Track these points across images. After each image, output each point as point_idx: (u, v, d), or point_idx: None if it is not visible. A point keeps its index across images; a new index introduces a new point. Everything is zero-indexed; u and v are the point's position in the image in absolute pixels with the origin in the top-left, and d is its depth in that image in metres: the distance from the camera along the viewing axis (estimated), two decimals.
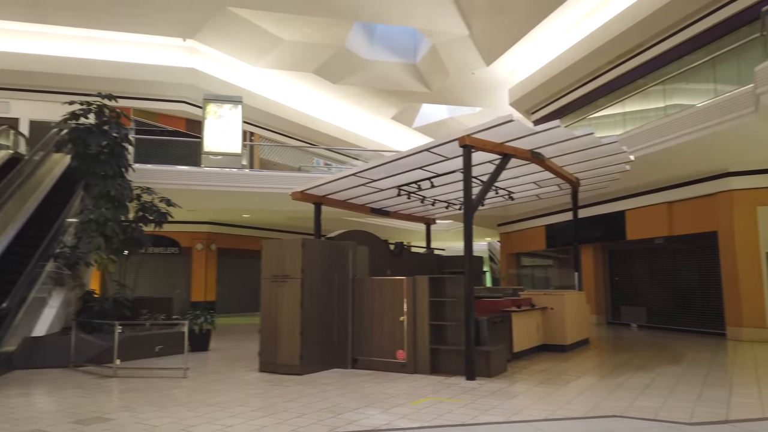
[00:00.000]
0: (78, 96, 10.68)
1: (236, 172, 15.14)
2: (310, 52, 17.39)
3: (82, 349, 8.35)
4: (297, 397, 6.15)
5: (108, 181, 10.27)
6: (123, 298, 10.06)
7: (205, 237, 18.79)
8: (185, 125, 18.64)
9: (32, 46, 15.84)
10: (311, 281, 7.81)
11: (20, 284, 8.54)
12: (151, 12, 14.82)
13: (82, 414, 5.41)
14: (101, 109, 10.63)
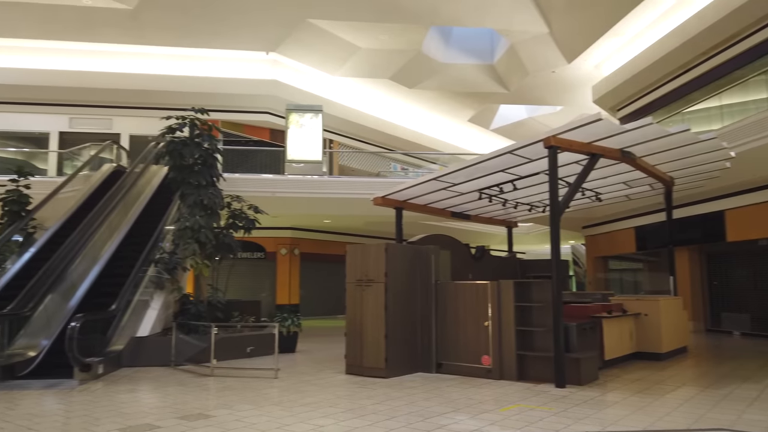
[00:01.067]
0: (172, 111, 11.37)
1: (317, 179, 15.58)
2: (386, 59, 17.60)
3: (181, 348, 8.87)
4: (384, 399, 6.22)
5: (201, 191, 10.85)
6: (216, 301, 10.59)
7: (288, 242, 19.43)
8: (269, 135, 19.40)
9: (131, 66, 17.07)
10: (395, 285, 7.89)
11: (126, 288, 9.18)
12: (238, 29, 15.57)
13: (186, 410, 5.74)
14: (194, 123, 11.28)
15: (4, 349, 7.72)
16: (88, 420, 5.34)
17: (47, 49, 16.63)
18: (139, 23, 15.24)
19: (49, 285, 8.98)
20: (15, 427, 5.07)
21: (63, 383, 7.20)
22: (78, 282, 9.39)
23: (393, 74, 18.37)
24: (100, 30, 15.53)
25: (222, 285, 11.55)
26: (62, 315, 8.55)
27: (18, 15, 14.92)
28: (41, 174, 16.34)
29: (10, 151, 17.74)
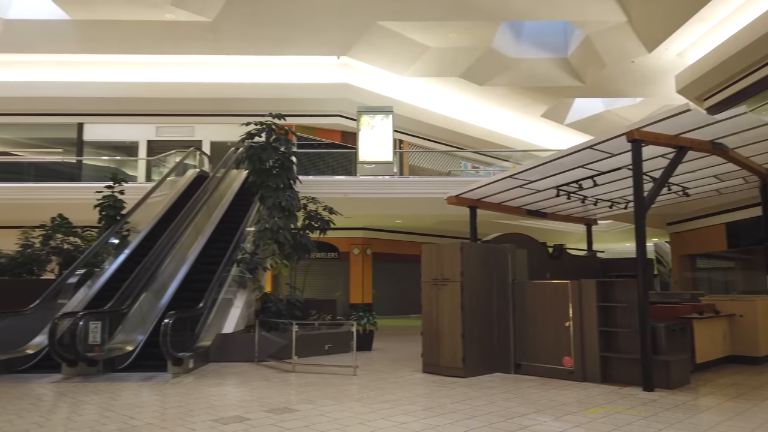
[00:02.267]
0: (250, 117, 11.81)
1: (388, 179, 15.72)
2: (456, 57, 17.48)
3: (264, 345, 9.22)
4: (463, 399, 6.20)
5: (279, 193, 11.22)
6: (295, 299, 10.92)
7: (361, 242, 19.70)
8: (340, 137, 19.76)
9: (211, 76, 17.89)
10: (471, 284, 7.84)
11: (212, 287, 9.65)
12: (310, 35, 15.98)
13: (272, 404, 5.97)
14: (271, 128, 11.67)
15: (105, 344, 8.30)
16: (183, 411, 5.66)
17: (135, 63, 17.73)
18: (218, 35, 15.96)
19: (142, 284, 9.58)
20: (118, 416, 5.46)
21: (158, 376, 7.67)
22: (168, 281, 9.97)
23: (463, 72, 18.22)
24: (183, 42, 16.39)
25: (299, 284, 11.89)
26: (155, 312, 9.12)
27: (109, 32, 16.02)
28: (132, 180, 17.44)
29: (105, 160, 19.04)
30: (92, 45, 16.69)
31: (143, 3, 14.80)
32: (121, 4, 14.88)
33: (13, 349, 8.46)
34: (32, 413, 5.60)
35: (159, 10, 15.08)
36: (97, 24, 15.75)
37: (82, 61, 17.55)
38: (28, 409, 5.81)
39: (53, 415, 5.60)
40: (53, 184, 16.28)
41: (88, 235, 12.61)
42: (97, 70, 17.77)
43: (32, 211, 14.03)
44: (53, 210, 12.82)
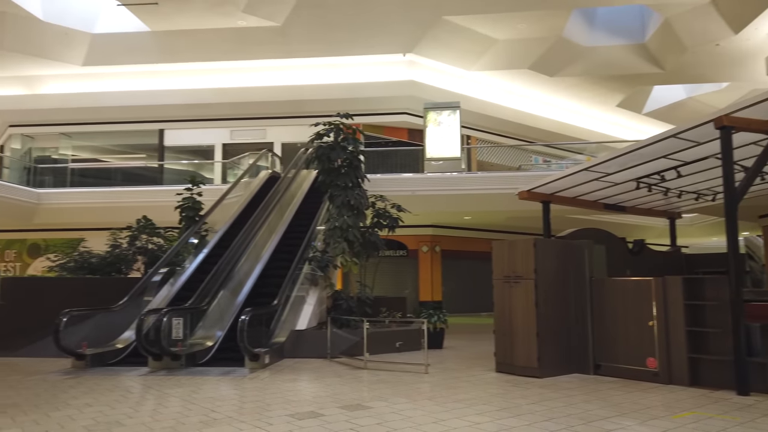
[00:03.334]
0: (319, 117, 12.02)
1: (456, 176, 15.55)
2: (525, 48, 17.03)
3: (336, 342, 9.34)
4: (540, 400, 6.01)
5: (348, 192, 11.34)
6: (365, 297, 11.00)
7: (429, 240, 19.61)
8: (407, 135, 19.74)
9: (281, 79, 18.35)
10: (545, 282, 7.59)
11: (285, 285, 9.89)
12: (376, 34, 16.06)
13: (345, 400, 6.02)
14: (339, 127, 11.81)
15: (187, 339, 8.68)
16: (260, 405, 5.81)
17: (210, 70, 18.46)
18: (287, 38, 16.34)
19: (220, 282, 9.96)
20: (200, 409, 5.68)
21: (236, 371, 7.93)
22: (244, 279, 10.31)
23: (532, 63, 17.73)
24: (254, 47, 16.91)
25: (369, 282, 11.97)
26: (232, 309, 9.45)
27: (185, 42, 16.77)
28: (209, 183, 18.19)
29: (184, 164, 19.98)
30: (171, 54, 17.54)
31: (216, 12, 15.38)
32: (196, 14, 15.53)
33: (104, 343, 9.02)
34: (122, 404, 5.93)
35: (231, 17, 15.62)
36: (174, 34, 16.53)
37: (162, 70, 18.49)
38: (119, 400, 6.15)
39: (141, 406, 5.90)
40: (138, 187, 17.29)
41: (170, 236, 13.26)
42: (176, 78, 18.66)
43: (120, 214, 14.95)
44: (138, 212, 13.59)
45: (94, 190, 17.57)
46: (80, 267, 12.14)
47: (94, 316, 9.44)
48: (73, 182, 19.10)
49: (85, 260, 12.26)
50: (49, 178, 19.51)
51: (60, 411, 5.60)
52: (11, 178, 18.95)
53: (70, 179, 19.31)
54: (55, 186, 18.60)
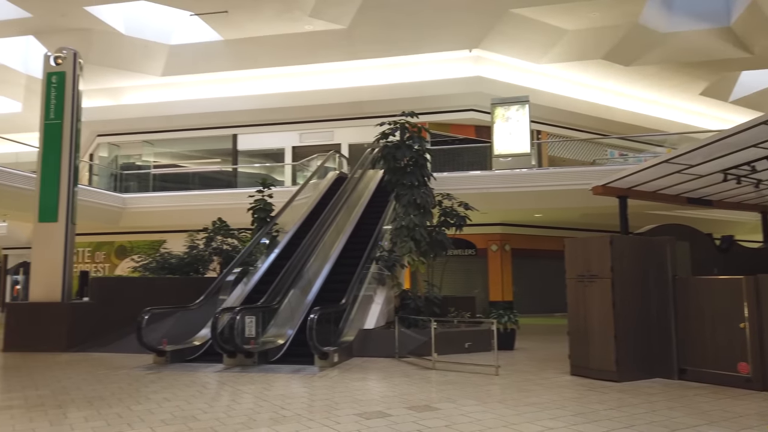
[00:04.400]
0: (384, 117, 12.03)
1: (526, 172, 15.13)
2: (598, 38, 16.34)
3: (404, 341, 9.28)
4: (619, 405, 5.68)
5: (414, 190, 11.27)
6: (433, 296, 10.89)
7: (498, 238, 19.21)
8: (474, 132, 19.44)
9: (347, 81, 18.57)
10: (623, 281, 7.19)
11: (353, 284, 9.95)
12: (441, 31, 15.91)
13: (413, 401, 5.95)
14: (405, 126, 11.77)
15: (260, 337, 8.90)
16: (329, 404, 5.85)
17: (280, 75, 18.97)
18: (352, 40, 16.51)
19: (290, 281, 10.15)
20: (271, 406, 5.78)
21: (306, 369, 8.04)
22: (313, 279, 10.47)
23: (606, 53, 16.99)
24: (321, 51, 17.20)
25: (437, 281, 11.85)
26: (302, 308, 9.61)
27: (255, 48, 17.31)
28: (279, 185, 18.67)
29: (256, 167, 20.62)
30: (242, 61, 18.17)
31: (284, 18, 15.77)
32: (265, 21, 15.98)
33: (183, 340, 9.41)
34: (198, 400, 6.14)
35: (298, 22, 15.97)
36: (245, 42, 17.10)
37: (234, 77, 19.19)
38: (195, 395, 6.38)
39: (215, 402, 6.09)
40: (213, 191, 18.03)
41: (243, 237, 13.71)
42: (248, 84, 19.31)
43: (197, 216, 15.61)
44: (214, 214, 14.15)
45: (173, 194, 18.48)
46: (161, 267, 12.76)
47: (173, 314, 9.88)
48: (155, 187, 20.19)
49: (166, 261, 12.88)
50: (134, 183, 20.72)
51: (141, 405, 5.87)
52: (100, 185, 20.27)
53: (152, 184, 20.42)
54: (138, 191, 19.72)
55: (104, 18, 16.17)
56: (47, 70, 11.76)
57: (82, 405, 5.86)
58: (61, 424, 5.09)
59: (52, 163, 11.48)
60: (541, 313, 18.78)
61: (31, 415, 5.43)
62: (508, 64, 18.15)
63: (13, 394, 6.51)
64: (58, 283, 11.11)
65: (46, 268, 11.20)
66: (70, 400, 6.09)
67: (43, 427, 4.99)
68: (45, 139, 11.57)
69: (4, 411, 5.63)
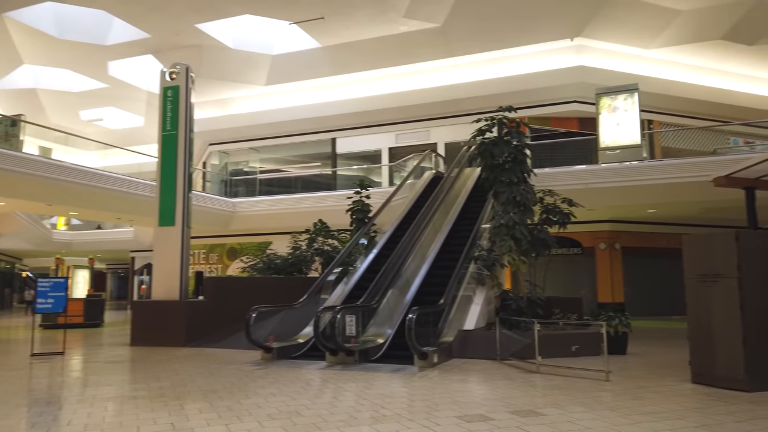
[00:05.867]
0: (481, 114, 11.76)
1: (636, 165, 14.17)
2: (716, 16, 14.97)
3: (505, 343, 9.00)
4: (750, 417, 5.11)
5: (513, 188, 10.91)
6: (536, 297, 10.47)
7: (607, 236, 18.16)
8: (577, 125, 18.52)
9: (442, 79, 18.43)
10: (752, 281, 6.47)
11: (451, 284, 9.80)
12: (540, 21, 15.35)
13: (515, 405, 5.72)
14: (502, 122, 11.43)
15: (360, 336, 9.02)
16: (429, 405, 5.77)
17: (375, 78, 19.22)
18: (447, 38, 16.36)
19: (389, 281, 10.20)
20: (371, 405, 5.81)
21: (405, 369, 8.03)
22: (411, 278, 10.45)
23: (726, 33, 15.53)
24: (416, 51, 17.22)
25: (539, 281, 11.39)
26: (401, 308, 9.61)
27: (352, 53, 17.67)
28: (376, 186, 18.92)
29: (353, 169, 21.06)
30: (339, 67, 18.63)
31: (378, 21, 15.95)
32: (360, 25, 16.26)
33: (288, 338, 9.76)
34: (302, 396, 6.31)
35: (393, 24, 16.08)
36: (342, 47, 17.51)
37: (331, 82, 19.72)
38: (299, 391, 6.56)
39: (318, 399, 6.22)
40: (314, 193, 18.61)
41: (343, 237, 14.01)
42: (345, 88, 19.77)
43: (299, 219, 16.21)
44: (315, 216, 14.60)
45: (277, 198, 19.34)
46: (267, 267, 13.36)
47: (278, 313, 10.29)
48: (261, 191, 21.23)
49: (271, 261, 13.47)
50: (242, 188, 21.92)
51: (249, 399, 6.13)
52: (212, 190, 21.64)
53: (258, 189, 21.49)
54: (246, 195, 20.83)
55: (213, 34, 17.24)
56: (163, 85, 12.72)
57: (197, 397, 6.23)
58: (178, 414, 5.43)
59: (169, 172, 12.39)
60: (656, 316, 17.50)
61: (153, 405, 5.84)
62: (614, 52, 17.11)
63: (138, 385, 7.07)
64: (176, 283, 11.96)
65: (166, 268, 12.10)
66: (186, 393, 6.50)
67: (162, 416, 5.34)
68: (162, 149, 12.51)
69: (130, 400, 6.11)
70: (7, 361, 9.41)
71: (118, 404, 5.93)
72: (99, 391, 6.66)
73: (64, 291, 10.43)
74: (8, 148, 13.90)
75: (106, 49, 17.93)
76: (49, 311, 10.56)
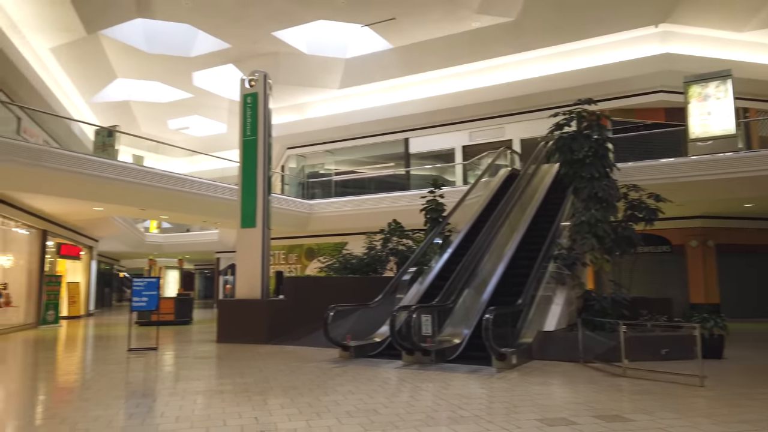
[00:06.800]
0: (558, 108, 11.38)
1: (731, 156, 13.22)
2: None
3: (588, 345, 8.65)
4: None
5: (594, 183, 10.49)
6: (620, 297, 10.00)
7: (699, 232, 17.06)
8: (663, 116, 17.52)
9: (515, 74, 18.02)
10: None
11: (529, 284, 9.55)
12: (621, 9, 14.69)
13: (600, 410, 5.48)
14: (581, 115, 11.01)
15: (436, 336, 8.97)
16: (508, 407, 5.64)
17: (448, 76, 19.08)
18: (521, 32, 15.98)
19: (464, 281, 10.09)
20: (448, 405, 5.76)
21: (483, 370, 7.90)
22: (488, 278, 10.28)
23: None
24: (489, 46, 16.95)
25: (625, 281, 10.87)
26: (477, 308, 9.47)
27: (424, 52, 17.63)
28: (450, 185, 18.76)
29: (426, 168, 21.01)
30: (412, 66, 18.66)
31: (450, 18, 15.83)
32: (432, 24, 16.21)
33: (364, 336, 9.87)
34: (379, 394, 6.36)
35: (465, 21, 15.91)
36: (414, 47, 17.52)
37: (403, 83, 19.78)
38: (376, 390, 6.62)
39: (395, 397, 6.25)
40: (387, 194, 18.73)
41: (417, 237, 14.00)
42: (417, 88, 19.77)
43: (373, 219, 16.37)
44: (389, 216, 14.69)
45: (352, 199, 19.64)
46: (343, 267, 13.59)
47: (355, 312, 10.43)
48: (336, 193, 21.63)
49: (347, 261, 13.69)
50: (318, 190, 22.43)
51: (328, 396, 6.25)
52: (290, 193, 22.31)
53: (334, 190, 21.91)
54: (322, 197, 21.30)
55: (288, 41, 17.76)
56: (243, 93, 13.25)
57: (279, 393, 6.43)
58: (262, 409, 5.63)
59: (250, 175, 12.89)
60: (756, 318, 16.23)
61: (238, 399, 6.09)
62: (703, 37, 16.02)
63: (224, 380, 7.40)
64: (258, 283, 12.41)
65: (248, 268, 12.58)
66: (269, 388, 6.72)
67: (247, 411, 5.55)
68: (243, 154, 13.03)
69: (217, 395, 6.40)
70: (108, 356, 10.13)
71: (206, 398, 6.22)
72: (189, 385, 7.02)
73: (157, 290, 11.11)
74: (106, 158, 14.97)
75: (190, 61, 18.91)
76: (143, 309, 11.26)
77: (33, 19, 15.35)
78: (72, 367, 9.04)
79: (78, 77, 19.70)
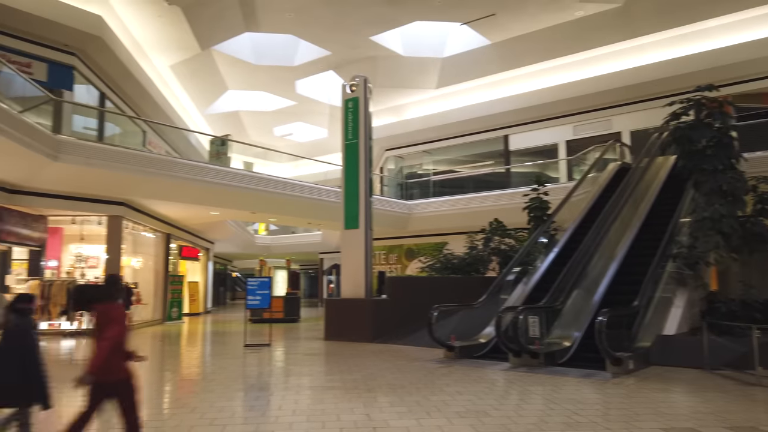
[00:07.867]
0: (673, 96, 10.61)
1: None
2: None
3: (715, 351, 7.98)
4: None
5: (718, 176, 9.67)
6: (752, 300, 9.13)
7: None
8: None
9: (623, 63, 17.04)
10: None
11: (645, 284, 8.98)
12: None
13: (733, 420, 5.05)
14: (701, 103, 10.20)
15: (544, 338, 8.69)
16: (627, 414, 5.35)
17: (548, 69, 18.43)
18: (629, 17, 15.10)
19: (573, 281, 9.68)
20: (562, 409, 5.56)
21: (596, 374, 7.54)
22: (598, 278, 9.79)
23: None
24: (594, 35, 16.17)
25: (756, 282, 9.91)
26: (588, 309, 9.05)
27: (523, 46, 17.15)
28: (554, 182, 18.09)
29: (528, 165, 20.40)
30: (511, 62, 18.23)
31: (550, 9, 15.28)
32: (531, 16, 15.73)
33: (468, 337, 9.77)
34: (488, 396, 6.27)
35: (567, 10, 15.30)
36: (513, 42, 17.11)
37: (501, 78, 19.36)
38: (485, 391, 6.54)
39: (505, 400, 6.13)
40: (488, 192, 18.41)
41: (520, 236, 13.65)
42: (516, 83, 19.27)
43: (474, 218, 16.17)
44: (490, 215, 14.45)
45: (451, 199, 19.52)
46: (444, 267, 13.55)
47: (458, 312, 10.36)
48: (435, 193, 21.59)
49: (449, 261, 13.63)
50: (417, 191, 22.52)
51: (436, 396, 6.26)
52: (389, 194, 22.60)
53: (432, 190, 21.90)
54: (421, 197, 21.36)
55: (385, 44, 18.00)
56: (344, 98, 13.61)
57: (387, 391, 6.53)
58: (372, 406, 5.75)
59: (352, 178, 13.22)
60: None
61: (348, 396, 6.26)
62: None
63: (333, 377, 7.64)
64: (361, 282, 12.69)
65: (352, 268, 12.91)
66: (377, 386, 6.86)
67: (358, 407, 5.70)
68: (345, 157, 13.38)
69: (328, 390, 6.62)
70: (227, 351, 10.82)
71: (318, 393, 6.47)
72: (301, 381, 7.33)
73: (269, 289, 11.70)
74: (220, 165, 16.01)
75: (293, 70, 19.73)
76: (257, 307, 11.91)
77: (154, 39, 16.76)
78: (195, 360, 9.76)
79: (194, 91, 21.24)
